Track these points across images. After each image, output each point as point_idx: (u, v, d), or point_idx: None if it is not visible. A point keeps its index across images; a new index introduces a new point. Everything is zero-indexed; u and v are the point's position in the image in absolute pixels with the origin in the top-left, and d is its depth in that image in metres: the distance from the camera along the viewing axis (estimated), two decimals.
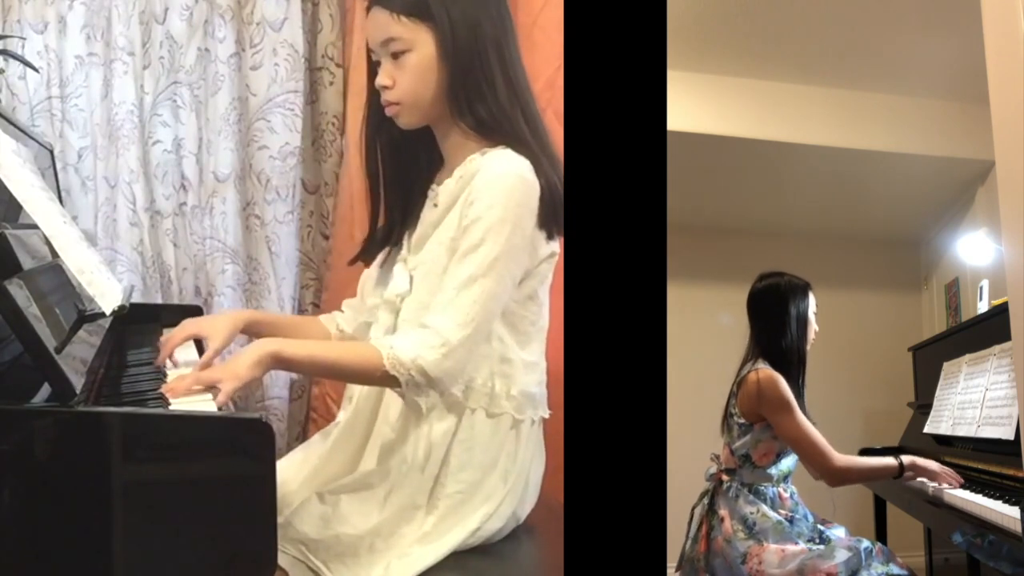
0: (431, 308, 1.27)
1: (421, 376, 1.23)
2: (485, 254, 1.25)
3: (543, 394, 1.43)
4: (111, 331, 1.53)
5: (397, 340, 1.25)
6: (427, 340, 1.24)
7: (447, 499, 1.33)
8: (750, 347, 1.83)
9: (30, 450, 0.97)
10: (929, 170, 2.94)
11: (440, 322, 1.24)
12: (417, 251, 1.38)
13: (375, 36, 1.34)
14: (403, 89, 1.33)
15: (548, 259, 1.37)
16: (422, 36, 1.30)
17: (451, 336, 1.24)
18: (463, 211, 1.29)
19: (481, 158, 1.32)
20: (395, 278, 1.39)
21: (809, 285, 1.85)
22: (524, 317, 1.37)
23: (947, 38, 2.41)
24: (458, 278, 1.26)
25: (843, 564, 1.58)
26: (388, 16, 1.30)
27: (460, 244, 1.28)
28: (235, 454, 1.03)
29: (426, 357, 1.23)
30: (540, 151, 1.32)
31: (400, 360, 1.22)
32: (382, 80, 1.34)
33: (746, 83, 2.77)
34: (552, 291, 1.42)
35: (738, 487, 1.74)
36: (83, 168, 2.10)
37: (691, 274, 3.09)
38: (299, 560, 1.29)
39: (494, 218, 1.26)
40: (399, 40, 1.30)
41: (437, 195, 1.38)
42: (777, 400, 1.69)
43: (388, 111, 1.36)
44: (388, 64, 1.33)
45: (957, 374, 2.11)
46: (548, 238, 1.34)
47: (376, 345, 1.25)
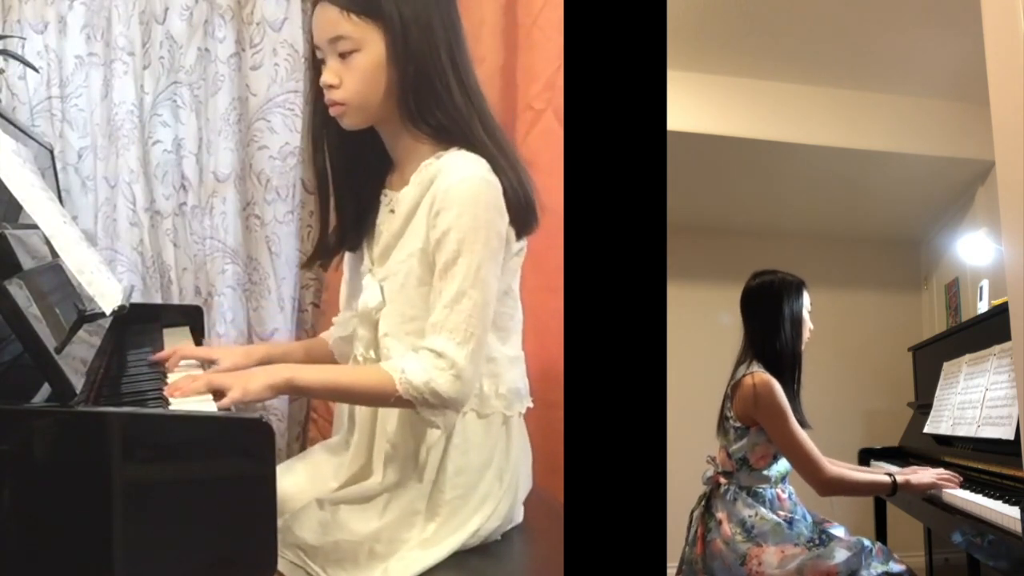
0: (427, 329, 1.26)
1: (435, 399, 1.23)
2: (467, 265, 1.23)
3: (526, 386, 1.43)
4: (111, 331, 1.53)
5: (407, 364, 1.24)
6: (436, 364, 1.23)
7: (447, 505, 1.33)
8: (744, 347, 1.82)
9: (30, 450, 0.97)
10: (929, 170, 2.94)
11: (442, 345, 1.23)
12: (383, 261, 1.36)
13: (322, 32, 1.29)
14: (350, 90, 1.28)
15: (519, 254, 1.35)
16: (372, 36, 1.26)
17: (458, 358, 1.23)
18: (430, 220, 1.27)
19: (437, 162, 1.29)
20: (365, 290, 1.37)
21: (803, 283, 1.84)
22: (503, 313, 1.36)
23: (947, 38, 2.41)
24: (446, 295, 1.24)
25: (843, 564, 1.58)
26: (337, 13, 1.26)
27: (437, 257, 1.26)
28: (235, 454, 1.03)
29: (438, 380, 1.22)
30: (497, 151, 1.30)
31: (413, 384, 1.22)
32: (328, 79, 1.29)
33: (746, 83, 2.77)
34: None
35: (736, 490, 1.73)
36: (83, 168, 2.10)
37: (691, 274, 3.08)
38: (298, 566, 1.29)
39: (466, 227, 1.24)
40: (348, 39, 1.26)
41: (392, 201, 1.36)
42: (772, 407, 1.69)
43: (332, 111, 1.31)
44: (335, 62, 1.28)
45: (957, 374, 2.11)
46: (517, 237, 1.32)
47: (387, 369, 1.25)
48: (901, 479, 1.76)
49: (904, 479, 1.76)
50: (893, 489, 1.75)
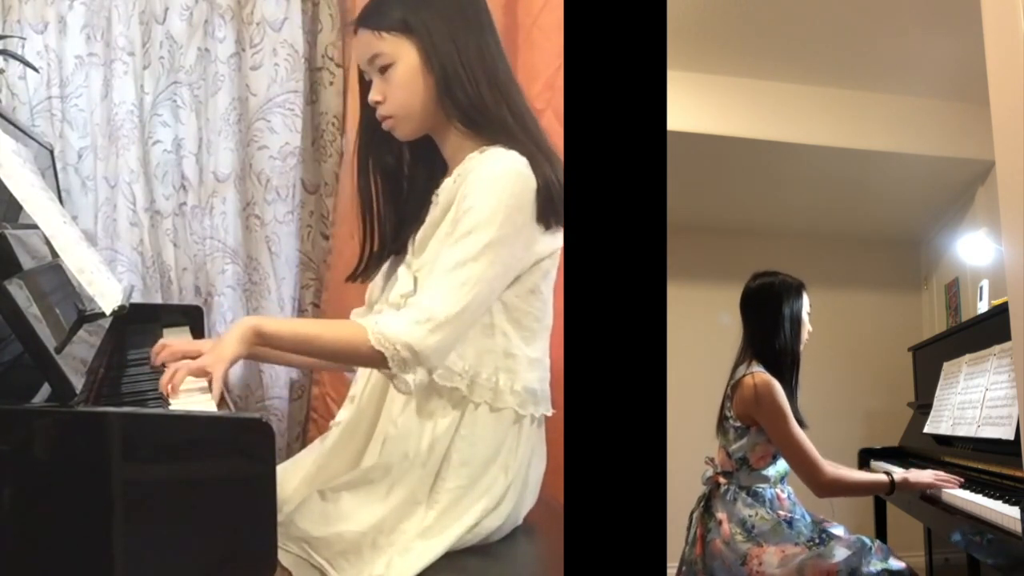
0: (420, 289, 1.29)
1: (407, 351, 1.22)
2: (476, 240, 1.26)
3: (545, 391, 1.44)
4: (111, 331, 1.53)
5: (382, 317, 1.26)
6: (412, 316, 1.24)
7: (447, 493, 1.34)
8: (743, 347, 1.83)
9: (30, 450, 0.97)
10: (929, 170, 2.94)
11: (426, 300, 1.25)
12: (420, 253, 1.38)
13: (362, 55, 1.38)
14: (393, 102, 1.37)
15: (551, 255, 1.37)
16: (404, 48, 1.34)
17: (437, 312, 1.24)
18: (458, 205, 1.30)
19: (479, 155, 1.33)
20: (399, 280, 1.40)
21: (803, 285, 1.84)
22: (528, 312, 1.37)
23: (947, 38, 2.41)
24: (447, 262, 1.27)
25: (843, 562, 1.58)
26: (371, 35, 1.35)
27: (453, 230, 1.29)
28: (235, 454, 1.03)
29: (412, 332, 1.23)
30: (534, 146, 1.33)
31: (385, 335, 1.22)
32: (373, 96, 1.37)
33: (746, 83, 2.77)
34: (553, 291, 1.42)
35: (736, 490, 1.73)
36: (83, 168, 2.10)
37: (691, 274, 3.08)
38: (302, 559, 1.30)
39: (485, 206, 1.27)
40: (383, 55, 1.35)
41: (438, 195, 1.39)
42: (773, 408, 1.69)
43: (384, 125, 1.39)
44: (378, 80, 1.37)
45: (957, 374, 2.11)
46: (546, 230, 1.34)
47: (362, 322, 1.26)
48: (899, 477, 1.76)
49: (902, 477, 1.77)
50: (891, 488, 1.75)
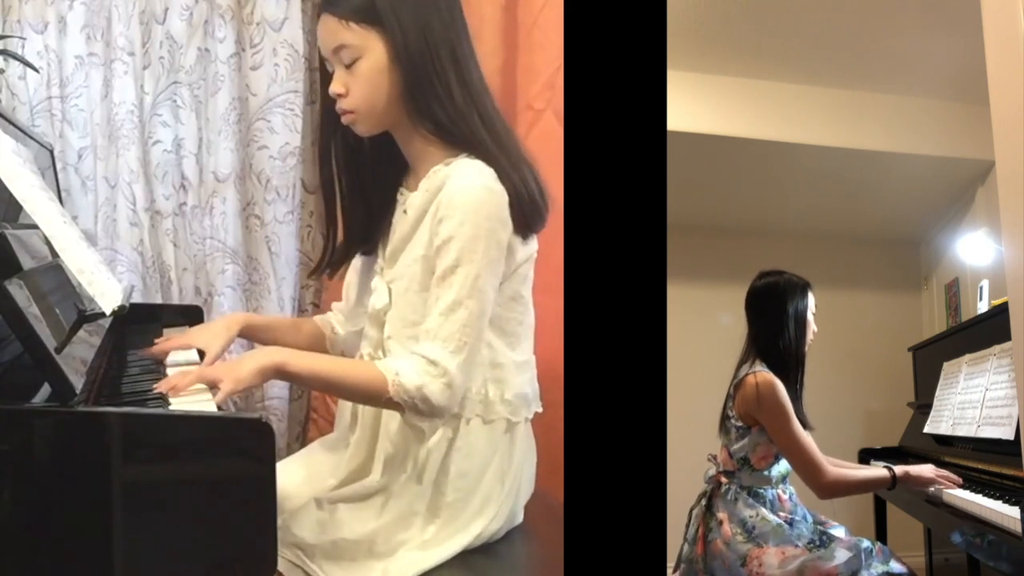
0: (421, 335, 1.26)
1: (425, 405, 1.23)
2: (465, 275, 1.24)
3: (535, 392, 1.43)
4: (111, 331, 1.53)
5: (401, 366, 1.24)
6: (430, 371, 1.23)
7: (447, 507, 1.33)
8: (747, 346, 1.82)
9: (30, 450, 0.97)
10: (929, 170, 2.94)
11: (436, 353, 1.23)
12: (392, 264, 1.37)
13: (326, 44, 1.31)
14: (357, 97, 1.30)
15: (528, 261, 1.36)
16: (372, 42, 1.28)
17: (450, 366, 1.23)
18: (433, 227, 1.28)
19: (446, 169, 1.30)
20: (375, 291, 1.38)
21: (809, 284, 1.84)
22: (511, 319, 1.36)
23: (947, 38, 2.41)
24: (442, 303, 1.24)
25: (844, 565, 1.58)
26: (337, 23, 1.28)
27: (436, 264, 1.27)
28: (235, 454, 1.03)
29: (430, 387, 1.22)
30: (500, 152, 1.30)
31: (405, 388, 1.22)
32: (335, 88, 1.31)
33: (746, 83, 2.77)
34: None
35: (737, 490, 1.73)
36: (83, 168, 2.10)
37: (691, 274, 3.08)
38: (296, 565, 1.30)
39: (466, 236, 1.24)
40: (350, 47, 1.28)
41: (406, 202, 1.36)
42: (775, 407, 1.68)
43: (344, 119, 1.33)
44: (341, 72, 1.30)
45: (957, 374, 2.11)
46: (524, 240, 1.32)
47: (381, 368, 1.24)
48: (900, 471, 1.76)
49: (903, 471, 1.76)
50: (893, 482, 1.75)
